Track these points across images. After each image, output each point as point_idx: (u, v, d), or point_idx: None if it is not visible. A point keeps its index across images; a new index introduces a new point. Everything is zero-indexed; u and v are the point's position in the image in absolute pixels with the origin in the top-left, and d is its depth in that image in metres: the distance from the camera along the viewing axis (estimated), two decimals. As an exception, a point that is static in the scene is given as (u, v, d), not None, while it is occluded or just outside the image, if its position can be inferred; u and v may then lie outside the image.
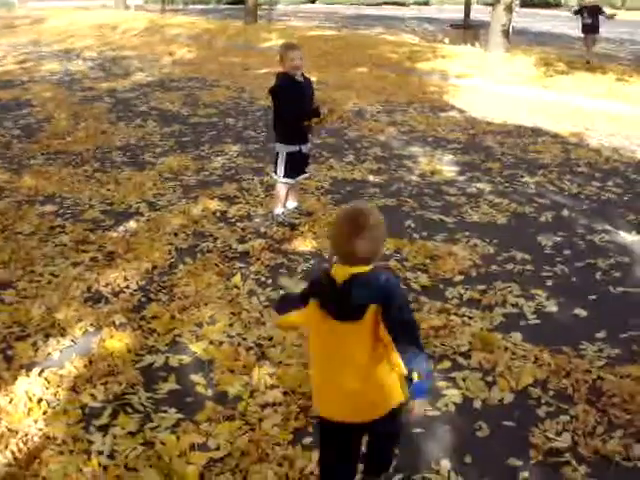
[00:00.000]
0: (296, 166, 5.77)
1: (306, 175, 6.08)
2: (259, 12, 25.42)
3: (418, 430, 3.34)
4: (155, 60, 15.93)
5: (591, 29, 16.43)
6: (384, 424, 2.59)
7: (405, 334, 2.38)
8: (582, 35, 16.94)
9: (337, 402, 2.52)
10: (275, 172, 5.82)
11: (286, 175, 5.76)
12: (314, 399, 2.66)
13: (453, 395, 3.62)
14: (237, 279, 4.86)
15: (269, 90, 5.67)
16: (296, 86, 5.54)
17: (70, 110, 10.39)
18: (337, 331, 2.42)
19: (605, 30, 17.39)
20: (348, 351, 2.43)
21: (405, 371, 2.36)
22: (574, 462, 3.13)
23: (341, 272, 2.41)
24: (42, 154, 8.06)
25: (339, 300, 2.40)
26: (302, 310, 2.54)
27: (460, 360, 3.93)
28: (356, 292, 2.37)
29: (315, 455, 3.08)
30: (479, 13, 28.97)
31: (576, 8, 17.76)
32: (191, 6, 39.40)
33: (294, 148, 5.67)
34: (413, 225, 5.99)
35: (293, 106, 5.50)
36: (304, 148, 5.76)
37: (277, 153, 5.76)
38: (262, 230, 5.78)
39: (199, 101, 11.27)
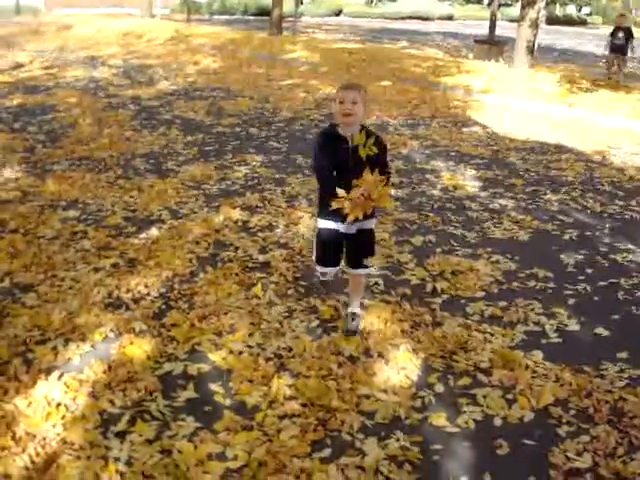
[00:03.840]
0: None
1: None
2: (284, 24, 25.56)
3: (437, 446, 3.31)
4: (179, 69, 16.02)
5: (621, 50, 16.44)
6: None
7: None
8: (609, 54, 16.91)
9: None
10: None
11: None
12: None
13: (473, 412, 3.58)
14: (257, 289, 4.85)
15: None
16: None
17: (94, 116, 10.46)
18: None
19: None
20: None
21: None
22: (595, 484, 3.09)
23: None
24: (66, 159, 8.10)
25: None
26: None
27: (481, 377, 3.90)
28: None
29: (332, 469, 3.07)
30: (503, 29, 28.94)
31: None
32: (216, 16, 39.69)
33: None
34: (435, 240, 5.96)
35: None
36: None
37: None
38: (283, 241, 5.78)
39: (223, 111, 11.32)
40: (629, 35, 16.51)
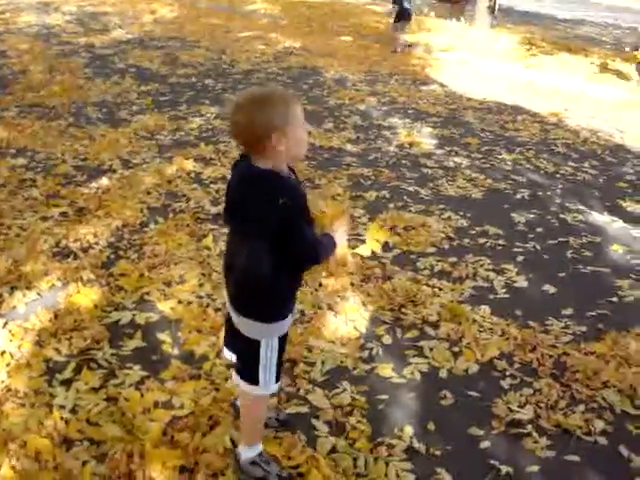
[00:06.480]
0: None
1: None
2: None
3: (383, 396, 3.35)
4: (135, 17, 15.60)
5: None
6: None
7: None
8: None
9: None
10: (254, 380, 2.65)
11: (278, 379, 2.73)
12: None
13: (419, 364, 3.63)
14: (209, 240, 4.81)
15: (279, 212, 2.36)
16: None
17: (46, 63, 10.18)
18: None
19: (590, 14, 17.12)
20: None
21: None
22: (535, 434, 3.16)
23: None
24: (16, 106, 7.89)
25: None
26: None
27: (428, 330, 3.95)
28: None
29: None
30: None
31: None
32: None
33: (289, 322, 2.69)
34: (388, 195, 5.97)
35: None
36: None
37: (257, 343, 2.59)
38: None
39: (178, 61, 11.09)
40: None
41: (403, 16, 13.71)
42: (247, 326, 2.56)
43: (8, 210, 5.13)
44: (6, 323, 3.72)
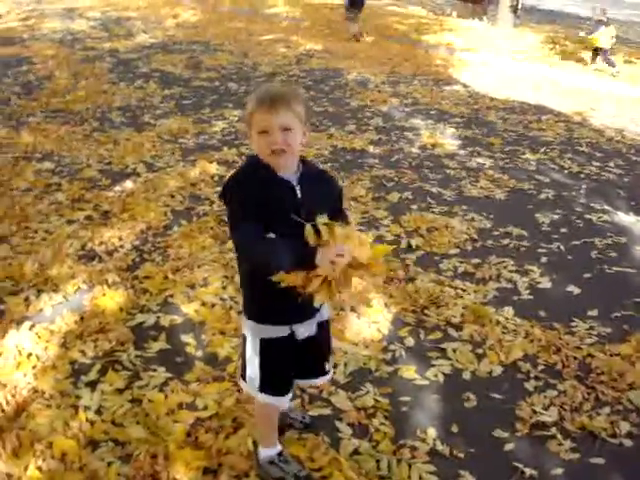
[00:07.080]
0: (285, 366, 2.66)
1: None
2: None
3: (406, 398, 3.35)
4: (158, 22, 15.73)
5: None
6: None
7: None
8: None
9: None
10: (243, 375, 2.69)
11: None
12: None
13: (443, 365, 3.63)
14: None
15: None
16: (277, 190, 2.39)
17: (71, 69, 10.31)
18: None
19: (615, 12, 16.91)
20: None
21: None
22: (559, 436, 3.14)
23: None
24: (41, 111, 8.01)
25: None
26: None
27: (451, 331, 3.94)
28: None
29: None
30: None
31: None
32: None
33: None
34: (411, 197, 5.96)
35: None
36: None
37: (244, 337, 2.66)
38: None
39: (201, 65, 11.17)
40: None
41: (356, 3, 14.08)
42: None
43: (34, 214, 5.20)
44: (33, 325, 3.77)
